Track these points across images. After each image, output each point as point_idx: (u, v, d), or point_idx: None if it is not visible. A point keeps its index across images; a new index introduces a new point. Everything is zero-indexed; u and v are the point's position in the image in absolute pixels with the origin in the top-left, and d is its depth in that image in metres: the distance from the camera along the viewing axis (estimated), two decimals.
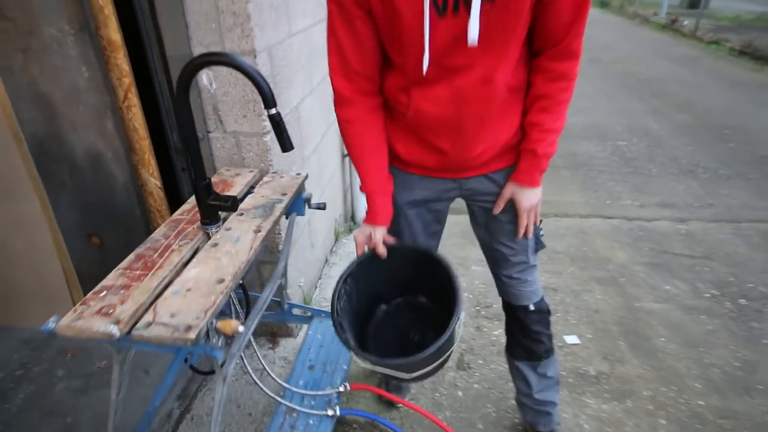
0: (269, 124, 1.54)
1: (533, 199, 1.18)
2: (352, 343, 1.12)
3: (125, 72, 1.54)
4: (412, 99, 1.06)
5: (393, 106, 1.14)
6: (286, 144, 1.07)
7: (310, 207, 1.53)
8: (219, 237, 1.21)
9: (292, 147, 1.07)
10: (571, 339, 2.01)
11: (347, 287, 1.21)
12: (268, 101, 1.03)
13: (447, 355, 1.17)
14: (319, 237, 2.35)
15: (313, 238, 2.22)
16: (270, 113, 1.04)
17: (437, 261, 1.18)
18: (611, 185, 3.51)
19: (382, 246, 1.21)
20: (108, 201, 1.84)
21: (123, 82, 1.56)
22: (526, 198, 1.17)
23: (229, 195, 1.20)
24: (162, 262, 1.10)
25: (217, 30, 1.42)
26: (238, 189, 1.45)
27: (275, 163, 1.63)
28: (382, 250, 1.21)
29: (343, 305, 1.19)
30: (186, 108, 1.08)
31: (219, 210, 1.23)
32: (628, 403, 1.71)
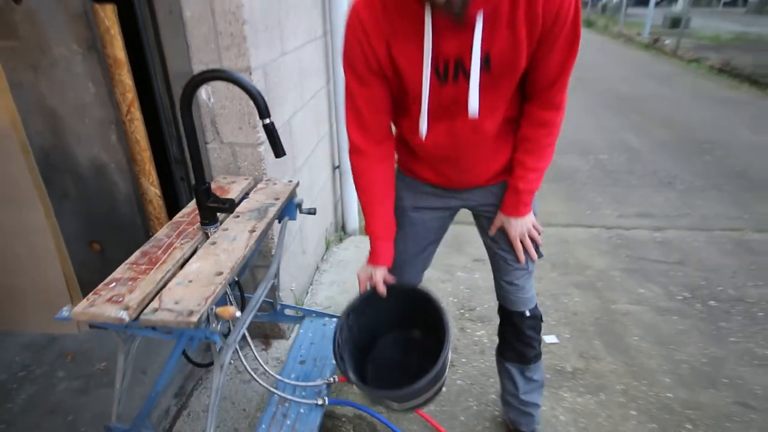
0: (263, 135, 1.67)
1: (521, 228, 1.29)
2: (351, 376, 1.21)
3: (129, 87, 1.65)
4: (416, 139, 1.18)
5: (406, 141, 1.27)
6: (279, 150, 1.19)
7: (301, 212, 1.63)
8: (217, 236, 1.31)
9: (284, 153, 1.19)
10: (550, 338, 2.11)
11: (349, 321, 1.31)
12: (262, 112, 1.15)
13: (440, 385, 1.26)
14: (311, 244, 2.45)
15: (305, 244, 2.33)
16: (264, 123, 1.16)
17: (429, 299, 1.28)
18: (592, 196, 3.66)
19: (382, 285, 1.31)
20: (109, 209, 1.93)
21: (126, 97, 1.66)
22: (513, 227, 1.29)
23: (227, 198, 1.31)
24: (165, 257, 1.20)
25: (216, 50, 1.54)
26: (234, 195, 1.55)
27: (268, 173, 1.74)
28: (382, 289, 1.31)
29: (345, 337, 1.29)
30: (189, 119, 1.20)
31: (217, 212, 1.34)
32: (601, 396, 1.82)
